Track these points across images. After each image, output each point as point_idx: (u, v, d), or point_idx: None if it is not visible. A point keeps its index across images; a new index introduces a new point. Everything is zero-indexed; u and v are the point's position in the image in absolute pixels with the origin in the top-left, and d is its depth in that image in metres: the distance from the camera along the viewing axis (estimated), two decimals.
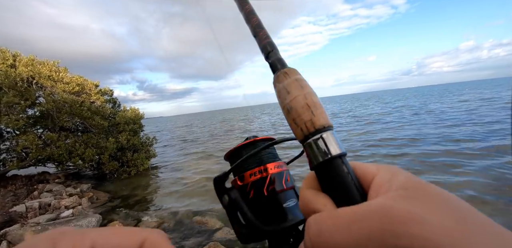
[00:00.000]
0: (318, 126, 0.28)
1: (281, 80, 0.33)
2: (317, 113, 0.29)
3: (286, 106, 0.31)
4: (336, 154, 0.27)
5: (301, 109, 0.29)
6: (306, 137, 0.29)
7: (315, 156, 0.28)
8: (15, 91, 5.91)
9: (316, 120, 0.28)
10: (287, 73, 0.33)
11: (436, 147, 6.55)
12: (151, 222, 3.96)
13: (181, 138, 16.83)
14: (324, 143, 0.27)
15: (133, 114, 8.32)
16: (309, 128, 0.28)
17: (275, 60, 0.36)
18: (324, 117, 0.29)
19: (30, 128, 6.55)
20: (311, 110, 0.29)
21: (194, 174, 6.87)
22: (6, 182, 6.07)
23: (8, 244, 3.16)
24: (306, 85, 0.32)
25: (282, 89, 0.32)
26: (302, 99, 0.30)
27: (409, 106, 20.32)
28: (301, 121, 0.29)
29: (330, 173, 0.27)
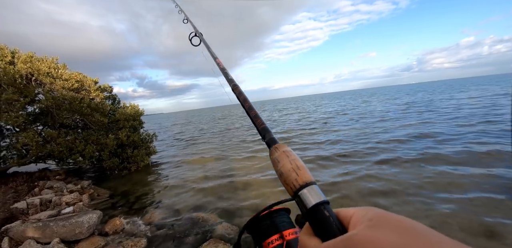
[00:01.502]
0: (302, 183, 0.36)
1: (273, 153, 0.45)
2: (300, 173, 0.38)
3: (278, 171, 0.41)
4: (318, 202, 0.33)
5: (288, 172, 0.39)
6: (295, 193, 0.36)
7: (303, 206, 0.34)
8: (14, 88, 5.89)
9: (300, 179, 0.37)
10: (277, 148, 0.46)
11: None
12: (152, 218, 3.99)
13: (180, 135, 16.84)
14: (309, 195, 0.35)
15: (133, 110, 8.31)
16: (296, 185, 0.37)
17: (269, 140, 0.50)
18: (306, 176, 0.37)
19: (30, 125, 6.54)
20: (295, 172, 0.38)
21: (195, 170, 6.90)
22: (7, 179, 6.09)
23: (9, 240, 3.18)
24: (291, 154, 0.42)
25: (274, 159, 0.44)
26: (288, 165, 0.40)
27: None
28: (289, 181, 0.38)
29: (316, 218, 0.33)
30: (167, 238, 3.34)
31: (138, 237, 3.37)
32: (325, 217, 0.32)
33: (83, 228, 3.32)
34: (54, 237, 3.17)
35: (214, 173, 6.33)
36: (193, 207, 4.36)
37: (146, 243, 3.23)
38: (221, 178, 5.82)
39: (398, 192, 4.08)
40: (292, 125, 14.19)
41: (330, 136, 9.36)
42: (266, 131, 0.53)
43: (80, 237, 3.28)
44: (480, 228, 2.93)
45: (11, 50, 6.83)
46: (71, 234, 3.25)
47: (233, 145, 10.04)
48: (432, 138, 7.25)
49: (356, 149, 6.95)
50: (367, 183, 4.52)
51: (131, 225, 3.79)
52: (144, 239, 3.27)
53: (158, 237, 3.38)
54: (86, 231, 3.34)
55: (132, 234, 3.49)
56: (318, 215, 0.32)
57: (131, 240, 3.24)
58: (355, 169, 5.36)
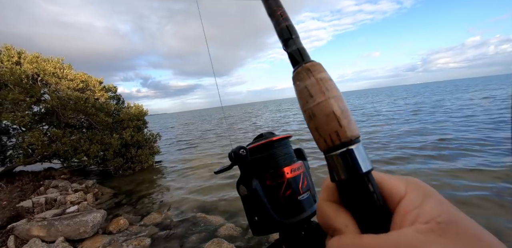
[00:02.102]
0: (344, 139, 0.25)
1: (303, 79, 0.28)
2: (344, 124, 0.25)
3: (308, 111, 0.27)
4: (363, 172, 0.24)
5: (326, 117, 0.26)
6: (330, 149, 0.26)
7: (339, 171, 0.25)
8: (21, 88, 5.96)
9: (343, 131, 0.25)
10: (310, 70, 0.28)
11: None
12: (155, 218, 4.00)
13: (184, 136, 16.91)
14: (351, 158, 0.24)
15: (137, 110, 8.35)
16: (334, 140, 0.25)
17: (296, 51, 0.30)
18: (352, 128, 0.25)
19: (36, 125, 6.62)
20: (337, 119, 0.25)
21: (198, 171, 6.91)
22: (13, 178, 6.16)
23: (15, 238, 3.22)
24: (332, 87, 0.27)
25: (303, 90, 0.28)
26: (328, 106, 0.26)
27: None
28: (325, 132, 0.26)
29: (355, 191, 0.25)
30: (170, 238, 3.35)
31: (142, 236, 3.38)
32: (369, 195, 0.24)
33: (87, 227, 3.34)
34: (58, 236, 3.20)
35: (219, 174, 6.32)
36: (196, 207, 4.36)
37: (149, 242, 3.24)
38: (224, 179, 5.82)
39: None
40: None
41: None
42: (292, 33, 0.31)
43: (85, 236, 3.31)
44: None
45: (18, 50, 6.91)
46: (76, 233, 3.28)
47: (238, 144, 10.02)
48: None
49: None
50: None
51: (135, 225, 3.80)
52: (147, 239, 3.28)
53: (161, 237, 3.39)
54: (91, 230, 3.36)
55: (136, 234, 3.50)
56: (360, 188, 0.24)
57: (134, 239, 3.26)
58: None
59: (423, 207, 0.21)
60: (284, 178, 0.43)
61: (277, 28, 0.33)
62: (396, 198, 0.23)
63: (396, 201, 0.23)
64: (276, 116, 23.97)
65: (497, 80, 67.70)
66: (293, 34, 0.31)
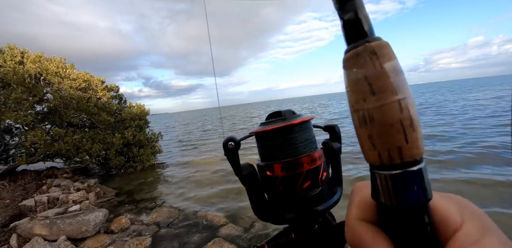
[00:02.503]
0: (407, 158, 0.18)
1: (363, 65, 0.19)
2: (411, 139, 0.18)
3: (363, 113, 0.19)
4: (421, 202, 0.19)
5: (390, 127, 0.18)
6: (383, 166, 0.19)
7: (390, 194, 0.19)
8: (23, 87, 5.99)
9: (408, 149, 0.18)
10: (377, 53, 0.19)
11: None
12: (157, 217, 4.01)
13: (186, 136, 16.93)
14: (410, 183, 0.19)
15: (138, 110, 8.37)
16: (394, 158, 0.19)
17: (358, 19, 0.20)
18: (418, 146, 0.19)
19: (39, 124, 6.65)
20: (404, 131, 0.18)
21: (200, 170, 6.91)
22: (16, 177, 6.19)
23: (17, 237, 3.23)
24: (404, 84, 0.19)
25: (361, 81, 0.19)
26: (396, 111, 0.18)
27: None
28: (383, 145, 0.19)
29: (405, 220, 0.20)
30: (172, 237, 3.35)
31: (143, 235, 3.39)
32: (422, 227, 0.19)
33: (89, 226, 3.35)
34: (61, 235, 3.21)
35: (219, 173, 6.33)
36: (198, 207, 4.36)
37: (151, 241, 3.24)
38: (226, 179, 5.82)
39: None
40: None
41: None
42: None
43: (87, 235, 3.32)
44: None
45: (21, 50, 6.95)
46: (78, 232, 3.29)
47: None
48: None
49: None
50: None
51: (137, 224, 3.81)
52: (149, 238, 3.29)
53: (163, 236, 3.40)
54: (92, 229, 3.37)
55: (138, 233, 3.51)
56: (414, 220, 0.19)
57: (136, 239, 3.26)
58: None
59: (482, 244, 0.17)
60: (303, 169, 0.38)
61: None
62: (450, 228, 0.19)
63: (450, 232, 0.19)
64: None
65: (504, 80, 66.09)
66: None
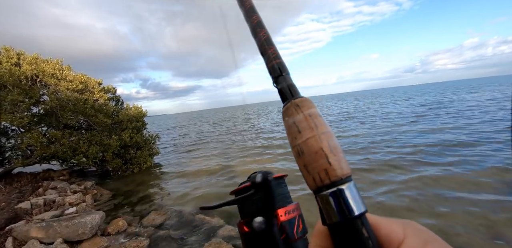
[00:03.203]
0: (334, 178, 0.24)
1: (291, 114, 0.28)
2: (334, 161, 0.24)
3: (297, 148, 0.26)
4: (357, 214, 0.23)
5: (315, 155, 0.25)
6: (319, 189, 0.24)
7: (330, 213, 0.24)
8: (20, 89, 5.96)
9: (333, 170, 0.24)
10: (299, 105, 0.28)
11: None
12: (154, 219, 4.00)
13: (183, 137, 16.89)
14: (342, 199, 0.23)
15: (136, 111, 8.35)
16: (323, 179, 0.24)
17: (286, 87, 0.31)
18: (342, 166, 0.24)
19: (35, 126, 6.61)
20: (326, 156, 0.24)
21: (198, 172, 6.90)
22: (12, 179, 6.15)
23: (13, 240, 3.21)
24: (321, 123, 0.26)
25: (292, 125, 0.27)
26: (316, 142, 0.25)
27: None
28: (313, 170, 0.25)
29: (348, 235, 0.23)
30: (169, 239, 3.34)
31: (141, 237, 3.38)
32: (364, 240, 0.22)
33: (86, 229, 3.33)
34: (57, 237, 3.19)
35: (217, 175, 6.33)
36: (195, 208, 4.35)
37: (148, 243, 3.23)
38: (224, 180, 5.82)
39: None
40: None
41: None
42: (282, 70, 0.33)
43: (83, 237, 3.29)
44: None
45: (17, 51, 6.92)
46: (74, 234, 3.26)
47: (236, 147, 10.04)
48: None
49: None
50: None
51: (134, 226, 3.79)
52: (146, 240, 3.27)
53: (160, 238, 3.38)
54: (89, 231, 3.35)
55: (135, 235, 3.49)
56: (354, 233, 0.22)
57: (133, 241, 3.25)
58: None
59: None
60: (277, 221, 0.39)
61: (268, 66, 0.34)
62: (394, 243, 0.21)
63: (394, 245, 0.21)
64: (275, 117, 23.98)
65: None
66: (284, 71, 0.33)
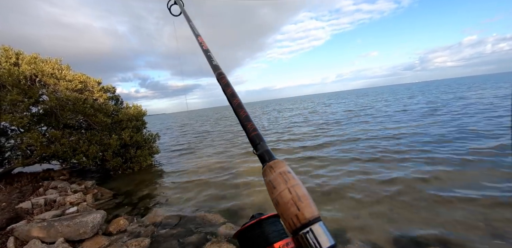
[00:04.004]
0: (304, 221, 0.30)
1: (267, 174, 0.37)
2: (302, 207, 0.31)
3: (274, 200, 0.34)
4: (327, 247, 0.28)
5: (287, 204, 0.32)
6: (294, 232, 0.31)
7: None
8: (19, 89, 5.94)
9: (301, 214, 0.30)
10: (272, 167, 0.37)
11: None
12: (155, 218, 4.01)
13: (183, 136, 16.90)
14: (313, 237, 0.29)
15: (135, 111, 8.35)
16: (296, 223, 0.30)
17: (263, 153, 0.41)
18: (309, 210, 0.31)
19: (34, 126, 6.60)
20: (296, 205, 0.31)
21: (198, 170, 6.92)
22: (12, 179, 6.15)
23: (15, 239, 3.21)
24: (290, 178, 0.34)
25: (269, 183, 0.36)
26: (287, 194, 0.32)
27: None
28: (288, 216, 0.32)
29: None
30: (170, 238, 3.35)
31: (142, 236, 3.39)
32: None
33: (87, 228, 3.34)
34: (58, 237, 3.20)
35: (217, 174, 6.34)
36: (196, 207, 4.37)
37: (149, 242, 3.24)
38: (224, 179, 5.83)
39: None
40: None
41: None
42: (259, 140, 0.42)
43: (85, 236, 3.30)
44: None
45: (16, 51, 6.90)
46: (76, 233, 3.27)
47: (236, 145, 10.05)
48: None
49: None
50: None
51: (135, 225, 3.81)
52: (147, 239, 3.29)
53: (161, 237, 3.40)
54: (90, 230, 3.36)
55: (136, 234, 3.50)
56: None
57: (134, 240, 3.26)
58: None
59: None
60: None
61: (249, 136, 0.45)
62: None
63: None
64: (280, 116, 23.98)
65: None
66: (260, 140, 0.43)
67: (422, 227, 3.04)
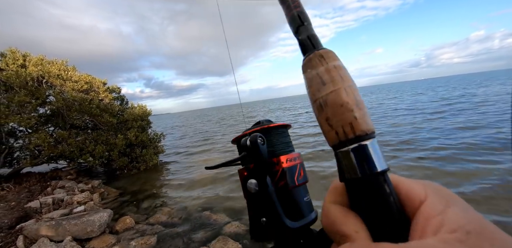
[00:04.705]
0: (359, 132, 0.23)
1: (315, 66, 0.26)
2: (360, 115, 0.23)
3: (319, 101, 0.25)
4: (380, 171, 0.22)
5: (340, 107, 0.23)
6: (341, 144, 0.24)
7: (351, 168, 0.23)
8: (26, 90, 6.03)
9: (358, 124, 0.23)
10: (323, 56, 0.27)
11: None
12: (161, 216, 4.04)
13: (187, 136, 16.98)
14: (366, 155, 0.23)
15: (140, 111, 8.41)
16: (348, 133, 0.23)
17: (308, 37, 0.29)
18: (367, 121, 0.23)
19: (42, 126, 6.70)
20: (352, 110, 0.23)
21: (203, 170, 6.94)
22: (21, 179, 6.26)
23: (24, 238, 3.27)
24: (347, 76, 0.25)
25: (315, 77, 0.26)
26: (343, 95, 0.24)
27: None
28: (337, 123, 0.24)
29: (368, 192, 0.22)
30: (176, 236, 3.37)
31: (148, 235, 3.42)
32: (385, 197, 0.21)
33: (94, 227, 3.38)
34: (66, 235, 3.24)
35: (222, 173, 6.35)
36: (201, 206, 4.38)
37: (155, 240, 3.27)
38: (229, 177, 5.84)
39: None
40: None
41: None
42: (304, 20, 0.30)
43: (92, 235, 3.35)
44: None
45: (23, 53, 7.00)
46: (83, 232, 3.32)
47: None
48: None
49: None
50: None
51: (141, 224, 3.84)
52: (153, 237, 3.31)
53: (167, 235, 3.42)
54: (97, 229, 3.40)
55: (142, 232, 3.53)
56: (375, 189, 0.22)
57: (141, 238, 3.29)
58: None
59: (448, 213, 0.18)
60: (279, 167, 0.39)
61: (288, 15, 0.32)
62: (415, 202, 0.20)
63: (415, 205, 0.20)
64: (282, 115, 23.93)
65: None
66: (305, 21, 0.30)
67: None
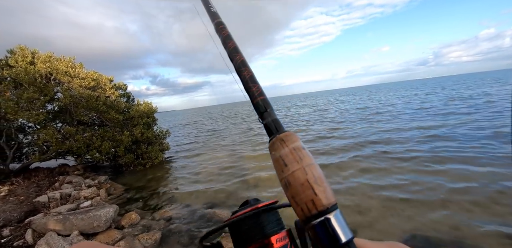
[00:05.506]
0: (321, 208, 0.25)
1: (277, 149, 0.30)
2: (319, 192, 0.26)
3: (284, 180, 0.28)
4: (344, 241, 0.24)
5: (301, 186, 0.26)
6: (308, 219, 0.26)
7: (320, 242, 0.25)
8: (35, 87, 6.13)
9: (318, 200, 0.25)
10: (284, 140, 0.30)
11: None
12: (166, 213, 4.08)
13: (193, 133, 17.05)
14: (331, 228, 0.25)
15: (146, 108, 8.47)
16: (311, 209, 0.25)
17: (270, 122, 0.33)
18: (327, 196, 0.26)
19: (50, 123, 6.81)
20: (312, 188, 0.26)
21: (208, 167, 6.97)
22: (30, 174, 6.38)
23: (32, 232, 3.34)
24: (306, 156, 0.28)
25: (278, 159, 0.29)
26: (302, 175, 0.27)
27: None
28: (301, 200, 0.26)
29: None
30: (181, 232, 3.41)
31: (153, 230, 3.46)
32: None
33: (100, 222, 3.43)
34: (73, 230, 3.30)
35: (227, 169, 6.38)
36: (206, 202, 4.41)
37: (160, 236, 3.30)
38: (234, 174, 5.86)
39: None
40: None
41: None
42: (267, 107, 0.35)
43: (98, 230, 3.40)
44: None
45: (31, 51, 7.09)
46: (90, 227, 3.38)
47: (246, 142, 10.07)
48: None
49: None
50: None
51: (146, 219, 3.89)
52: (158, 233, 3.35)
53: (172, 231, 3.46)
54: (104, 224, 3.45)
55: (147, 228, 3.58)
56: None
57: (146, 234, 3.33)
58: None
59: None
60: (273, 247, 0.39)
61: (253, 102, 0.36)
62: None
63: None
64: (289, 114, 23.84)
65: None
66: (268, 107, 0.35)
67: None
